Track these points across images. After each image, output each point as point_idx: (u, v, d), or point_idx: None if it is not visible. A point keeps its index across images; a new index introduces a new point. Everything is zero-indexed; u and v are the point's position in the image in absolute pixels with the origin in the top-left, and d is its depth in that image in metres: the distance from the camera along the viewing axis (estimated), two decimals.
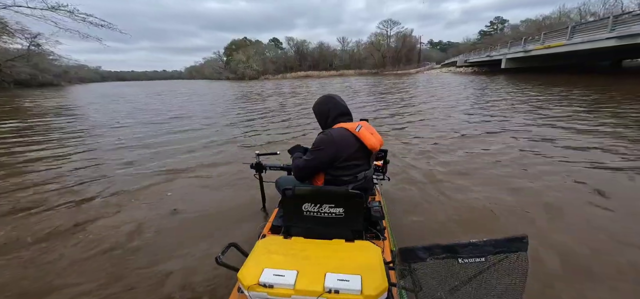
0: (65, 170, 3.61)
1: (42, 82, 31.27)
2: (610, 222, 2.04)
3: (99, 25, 16.15)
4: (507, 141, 4.23)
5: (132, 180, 3.20)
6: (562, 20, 30.31)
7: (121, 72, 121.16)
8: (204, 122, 7.14)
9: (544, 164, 3.21)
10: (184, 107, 10.63)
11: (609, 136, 4.19)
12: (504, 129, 4.97)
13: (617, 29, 10.73)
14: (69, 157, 4.22)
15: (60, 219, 2.34)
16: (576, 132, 4.53)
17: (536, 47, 16.34)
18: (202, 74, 65.64)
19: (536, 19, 36.45)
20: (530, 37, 18.72)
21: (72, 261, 1.80)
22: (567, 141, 4.05)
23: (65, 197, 2.75)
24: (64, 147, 4.81)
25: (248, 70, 47.80)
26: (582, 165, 3.12)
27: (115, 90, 25.37)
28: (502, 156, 3.58)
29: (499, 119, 5.86)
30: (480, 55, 26.86)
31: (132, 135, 5.74)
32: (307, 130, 5.70)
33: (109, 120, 7.75)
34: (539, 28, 26.62)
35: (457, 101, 9.12)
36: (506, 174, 2.97)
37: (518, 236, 0.69)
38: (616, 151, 3.51)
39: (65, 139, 5.46)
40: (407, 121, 6.32)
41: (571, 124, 5.06)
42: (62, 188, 2.99)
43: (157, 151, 4.47)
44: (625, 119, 5.16)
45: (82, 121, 7.66)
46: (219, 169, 3.56)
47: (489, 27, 52.29)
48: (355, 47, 55.30)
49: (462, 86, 14.24)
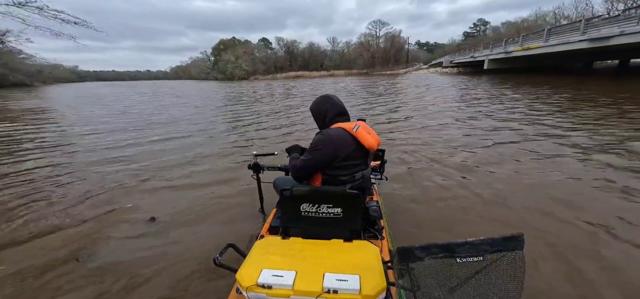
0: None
1: (13, 83, 29.44)
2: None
3: (72, 22, 14.86)
4: (505, 140, 4.32)
5: (127, 176, 3.08)
6: (539, 23, 32.05)
7: (101, 72, 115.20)
8: (201, 122, 6.99)
9: (537, 160, 3.37)
10: (174, 108, 10.31)
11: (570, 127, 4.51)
12: (497, 128, 5.13)
13: (589, 32, 11.47)
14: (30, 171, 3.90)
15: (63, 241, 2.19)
16: (562, 131, 4.81)
17: (516, 48, 17.12)
18: (189, 74, 63.78)
19: (515, 21, 38.38)
20: (511, 39, 19.61)
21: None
22: (556, 139, 4.23)
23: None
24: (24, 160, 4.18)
25: (237, 71, 46.95)
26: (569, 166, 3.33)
27: (93, 91, 24.07)
28: (500, 154, 3.67)
29: (496, 120, 5.95)
30: (465, 56, 27.81)
31: (122, 140, 5.49)
32: (310, 132, 5.70)
33: (83, 125, 7.36)
34: (518, 30, 27.98)
35: (445, 100, 9.41)
36: (503, 173, 3.03)
37: (514, 235, 0.69)
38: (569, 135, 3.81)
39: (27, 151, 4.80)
40: (402, 120, 6.44)
41: (558, 122, 5.36)
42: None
43: (155, 151, 4.35)
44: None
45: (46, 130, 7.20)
46: (217, 169, 3.52)
47: (472, 29, 54.37)
48: (345, 47, 55.78)
49: (451, 86, 14.67)
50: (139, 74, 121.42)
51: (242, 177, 3.10)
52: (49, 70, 44.79)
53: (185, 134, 5.82)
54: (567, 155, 3.50)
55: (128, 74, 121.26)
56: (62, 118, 8.40)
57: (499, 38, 24.99)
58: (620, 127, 4.71)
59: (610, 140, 4.03)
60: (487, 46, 23.06)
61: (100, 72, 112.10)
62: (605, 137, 4.16)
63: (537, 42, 15.08)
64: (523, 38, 17.10)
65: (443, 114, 6.96)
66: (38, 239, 2.06)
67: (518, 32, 23.53)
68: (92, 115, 9.04)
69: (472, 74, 23.82)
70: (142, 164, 3.83)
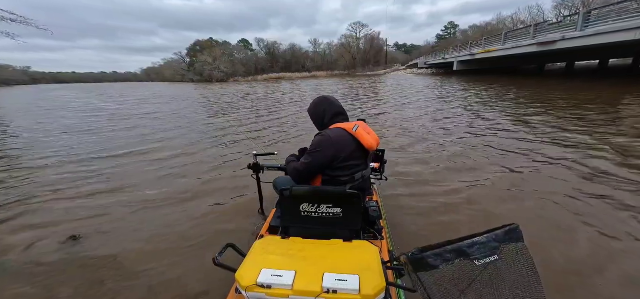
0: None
1: None
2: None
3: (7, 19, 12.95)
4: (491, 140, 4.51)
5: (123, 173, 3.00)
6: (500, 28, 35.21)
7: (59, 73, 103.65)
8: (198, 122, 6.81)
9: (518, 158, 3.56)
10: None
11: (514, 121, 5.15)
12: (483, 129, 5.28)
13: (538, 37, 12.91)
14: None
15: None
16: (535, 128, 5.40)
17: (479, 51, 18.64)
18: (162, 76, 60.07)
19: (480, 25, 41.71)
20: (475, 42, 21.28)
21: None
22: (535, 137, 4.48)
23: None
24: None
25: (215, 73, 45.28)
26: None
27: (43, 95, 21.81)
28: (497, 153, 3.83)
29: (482, 122, 5.97)
30: (437, 58, 29.60)
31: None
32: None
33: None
34: (483, 34, 30.43)
35: (427, 101, 9.84)
36: (500, 172, 3.17)
37: (511, 227, 0.70)
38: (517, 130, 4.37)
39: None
40: (391, 120, 6.68)
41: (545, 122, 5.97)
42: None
43: (150, 151, 4.26)
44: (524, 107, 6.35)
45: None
46: (215, 169, 3.52)
47: (444, 32, 57.99)
48: (327, 48, 56.45)
49: (427, 87, 15.51)
50: (104, 76, 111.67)
51: (241, 176, 3.11)
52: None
53: (181, 130, 5.60)
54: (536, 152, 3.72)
55: (92, 75, 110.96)
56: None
57: (466, 41, 26.99)
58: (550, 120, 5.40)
59: (544, 130, 4.67)
60: (456, 48, 24.78)
61: (57, 74, 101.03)
62: (539, 128, 4.81)
63: (497, 45, 16.52)
64: (485, 41, 18.67)
65: (436, 112, 7.31)
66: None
67: (482, 35, 25.59)
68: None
69: (443, 75, 25.45)
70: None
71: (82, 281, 1.66)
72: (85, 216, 2.44)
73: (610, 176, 2.83)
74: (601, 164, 3.14)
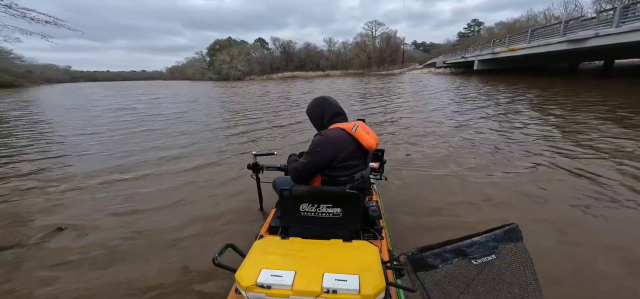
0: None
1: (1, 83, 29.11)
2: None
3: (43, 21, 13.91)
4: (497, 140, 4.33)
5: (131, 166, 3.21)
6: (530, 24, 32.51)
7: (95, 72, 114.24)
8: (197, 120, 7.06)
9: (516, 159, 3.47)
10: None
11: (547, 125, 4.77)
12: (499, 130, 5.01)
13: (568, 34, 11.80)
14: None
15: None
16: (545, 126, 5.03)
17: (502, 50, 17.44)
18: (185, 74, 63.48)
19: (507, 21, 38.87)
20: (498, 40, 19.93)
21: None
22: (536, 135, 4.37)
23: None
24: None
25: (232, 71, 46.93)
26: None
27: (82, 92, 23.81)
28: (496, 153, 3.73)
29: (490, 121, 5.81)
30: (456, 56, 28.18)
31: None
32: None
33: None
34: (511, 31, 28.33)
35: (441, 101, 9.45)
36: (499, 172, 3.09)
37: (511, 227, 0.70)
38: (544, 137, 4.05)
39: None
40: (399, 120, 6.51)
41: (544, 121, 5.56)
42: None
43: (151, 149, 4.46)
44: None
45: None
46: (214, 170, 3.58)
47: (466, 29, 54.91)
48: (342, 47, 56.01)
49: (444, 88, 14.81)
50: (134, 75, 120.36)
51: (241, 176, 3.14)
52: (40, 70, 44.44)
53: (181, 131, 5.86)
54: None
55: (122, 74, 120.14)
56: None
57: (489, 39, 25.37)
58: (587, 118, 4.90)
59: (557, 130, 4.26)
60: (477, 47, 23.42)
61: (94, 73, 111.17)
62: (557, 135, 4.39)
63: (522, 43, 15.38)
64: (509, 39, 17.43)
65: (439, 112, 7.08)
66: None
67: (507, 33, 23.89)
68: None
69: (463, 74, 24.18)
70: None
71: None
72: (78, 210, 2.53)
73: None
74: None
